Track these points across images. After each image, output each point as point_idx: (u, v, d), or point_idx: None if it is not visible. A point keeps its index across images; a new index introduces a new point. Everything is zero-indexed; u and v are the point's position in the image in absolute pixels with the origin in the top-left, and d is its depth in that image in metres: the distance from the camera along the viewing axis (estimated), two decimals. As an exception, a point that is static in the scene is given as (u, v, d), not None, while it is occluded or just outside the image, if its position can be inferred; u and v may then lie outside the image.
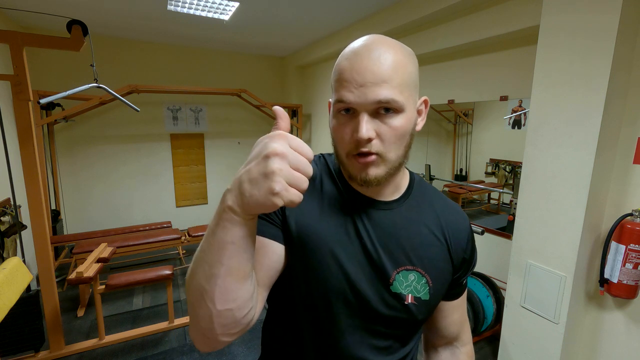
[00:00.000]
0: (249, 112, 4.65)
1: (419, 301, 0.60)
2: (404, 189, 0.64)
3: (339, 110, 0.54)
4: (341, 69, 0.53)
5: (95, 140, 3.88)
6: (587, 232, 1.44)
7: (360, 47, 0.52)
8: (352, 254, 0.58)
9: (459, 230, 0.65)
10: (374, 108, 0.51)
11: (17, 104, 1.88)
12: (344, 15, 2.83)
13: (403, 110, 0.52)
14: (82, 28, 1.93)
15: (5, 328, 1.90)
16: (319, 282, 0.57)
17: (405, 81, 0.52)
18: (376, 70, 0.50)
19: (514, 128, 2.32)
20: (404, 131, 0.54)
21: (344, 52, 0.54)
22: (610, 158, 1.44)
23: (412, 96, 0.54)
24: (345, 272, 0.57)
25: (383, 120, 0.52)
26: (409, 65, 0.53)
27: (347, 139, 0.54)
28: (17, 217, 2.42)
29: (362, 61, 0.51)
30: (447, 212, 0.65)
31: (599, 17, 1.30)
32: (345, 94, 0.51)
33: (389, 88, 0.50)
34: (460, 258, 0.64)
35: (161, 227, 3.63)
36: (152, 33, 3.56)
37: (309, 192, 0.60)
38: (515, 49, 2.14)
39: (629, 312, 1.49)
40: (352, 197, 0.61)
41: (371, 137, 0.51)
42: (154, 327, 2.43)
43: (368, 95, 0.50)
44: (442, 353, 0.76)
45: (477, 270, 2.41)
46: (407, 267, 0.59)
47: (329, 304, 0.58)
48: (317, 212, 0.59)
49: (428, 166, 3.10)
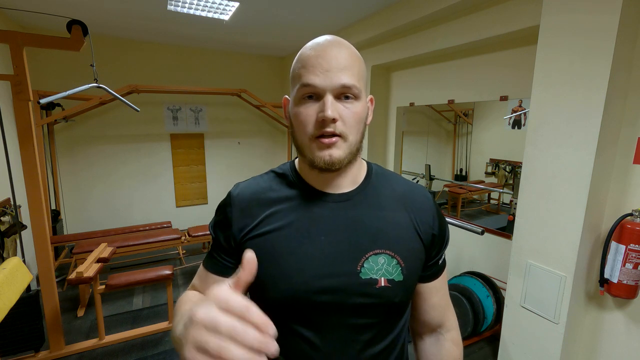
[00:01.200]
0: (249, 112, 4.65)
1: (392, 283, 0.60)
2: (361, 179, 0.67)
3: (303, 96, 0.58)
4: (306, 57, 0.58)
5: (95, 140, 3.88)
6: (587, 232, 1.44)
7: (323, 41, 0.59)
8: (315, 253, 0.59)
9: (422, 209, 0.66)
10: (338, 92, 0.56)
11: (17, 104, 1.88)
12: (344, 15, 2.83)
13: (360, 98, 0.58)
14: (82, 28, 1.93)
15: (5, 328, 1.90)
16: (286, 289, 0.58)
17: (361, 73, 0.59)
18: (340, 57, 0.56)
19: (514, 128, 2.32)
20: (360, 117, 0.59)
21: (307, 46, 0.60)
22: (610, 158, 1.44)
23: (364, 90, 0.60)
24: (310, 273, 0.58)
25: (344, 104, 0.57)
26: (361, 63, 0.61)
27: (311, 121, 0.57)
28: (17, 217, 2.42)
29: (326, 50, 0.57)
30: (409, 193, 0.68)
31: (599, 17, 1.30)
32: (312, 78, 0.56)
33: (351, 75, 0.56)
34: (429, 235, 0.66)
35: (161, 227, 3.63)
36: (152, 33, 3.56)
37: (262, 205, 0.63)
38: (515, 49, 2.14)
39: (629, 312, 1.49)
40: (310, 196, 0.63)
41: (336, 118, 0.55)
42: (154, 327, 2.43)
43: (333, 79, 0.55)
44: (427, 340, 0.75)
45: (477, 270, 2.41)
46: (375, 251, 0.60)
47: (301, 308, 0.59)
48: (274, 220, 0.61)
49: (428, 166, 3.11)
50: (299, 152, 0.63)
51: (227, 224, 0.63)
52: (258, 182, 0.67)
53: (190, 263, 3.58)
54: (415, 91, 2.95)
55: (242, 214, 0.63)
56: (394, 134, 3.24)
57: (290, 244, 0.59)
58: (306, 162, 0.61)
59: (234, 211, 0.64)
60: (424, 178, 3.12)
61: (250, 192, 0.65)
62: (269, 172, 0.70)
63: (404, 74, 3.07)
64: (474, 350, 2.23)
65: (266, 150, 4.96)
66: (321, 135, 0.56)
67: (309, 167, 0.62)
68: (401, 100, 3.12)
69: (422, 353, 0.76)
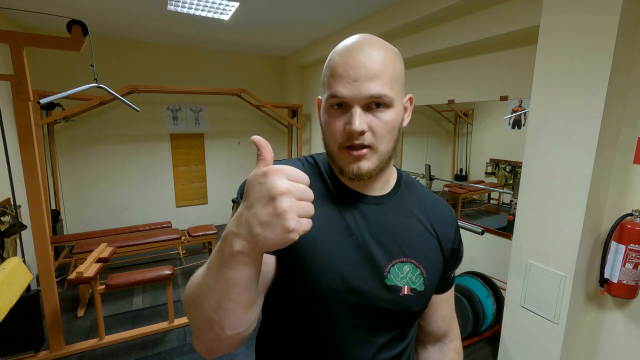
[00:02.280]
0: (249, 112, 4.65)
1: (414, 292, 0.60)
2: (393, 184, 0.66)
3: (331, 105, 0.56)
4: (334, 64, 0.55)
5: (95, 140, 3.88)
6: (587, 232, 1.44)
7: (352, 44, 0.55)
8: (344, 251, 0.58)
9: (446, 223, 0.67)
10: (366, 102, 0.53)
11: (17, 104, 1.88)
12: (344, 15, 2.83)
13: (392, 105, 0.55)
14: (82, 28, 1.93)
15: (5, 328, 1.90)
16: (313, 285, 0.57)
17: (394, 77, 0.55)
18: (369, 65, 0.52)
19: (514, 128, 2.32)
20: (393, 125, 0.56)
21: (337, 49, 0.56)
22: (610, 158, 1.44)
23: (400, 92, 0.57)
24: (339, 271, 0.57)
25: (374, 114, 0.54)
26: (397, 63, 0.56)
27: (339, 132, 0.55)
28: (17, 217, 2.42)
29: (355, 57, 0.53)
30: (434, 205, 0.68)
31: (599, 17, 1.30)
32: (339, 89, 0.53)
33: (381, 83, 0.52)
34: (449, 249, 0.66)
35: (161, 227, 3.63)
36: (152, 33, 3.56)
37: None
38: (515, 49, 2.14)
39: (629, 312, 1.49)
40: (342, 194, 0.62)
41: (364, 130, 0.53)
42: (154, 327, 2.43)
43: (361, 90, 0.52)
44: (431, 350, 0.76)
45: (477, 270, 2.41)
46: (402, 259, 0.60)
47: (326, 305, 0.58)
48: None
49: (428, 166, 3.10)
50: (329, 158, 0.62)
51: None
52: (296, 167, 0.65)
53: (190, 263, 3.58)
54: (415, 91, 2.94)
55: None
56: (394, 134, 3.23)
57: (322, 240, 0.58)
58: (336, 168, 0.60)
59: None
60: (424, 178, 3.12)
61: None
62: (302, 159, 0.68)
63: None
64: (474, 350, 2.23)
65: (266, 150, 4.95)
66: (350, 146, 0.55)
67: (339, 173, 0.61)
68: (401, 100, 3.11)
69: None
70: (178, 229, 3.78)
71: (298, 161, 0.67)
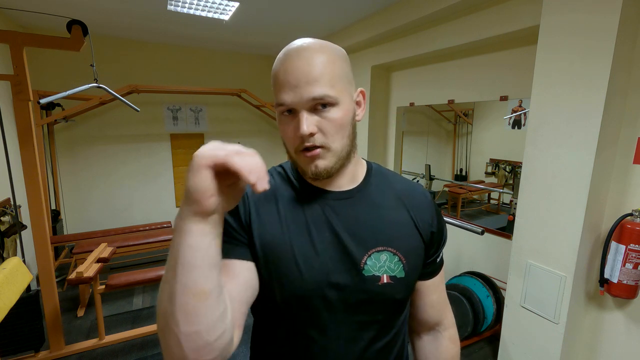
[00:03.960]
0: (249, 112, 4.65)
1: (394, 279, 0.61)
2: (362, 177, 0.67)
3: (281, 112, 0.58)
4: (276, 72, 0.57)
5: (95, 140, 3.88)
6: (587, 232, 1.44)
7: (291, 50, 0.57)
8: (319, 249, 0.59)
9: (422, 207, 0.67)
10: (311, 105, 0.55)
11: (17, 104, 1.88)
12: (344, 15, 2.83)
13: (338, 103, 0.56)
14: (82, 28, 1.93)
15: (5, 328, 1.90)
16: (291, 288, 0.58)
17: (336, 76, 0.56)
18: (307, 70, 0.54)
19: (514, 128, 2.32)
20: (342, 122, 0.57)
21: (278, 57, 0.58)
22: (610, 158, 1.44)
23: (346, 89, 0.58)
24: (316, 269, 0.58)
25: (321, 115, 0.56)
26: (337, 61, 0.57)
27: (292, 137, 0.57)
28: (17, 217, 2.41)
29: (293, 63, 0.55)
30: (408, 192, 0.68)
31: (599, 17, 1.30)
32: (283, 96, 0.55)
33: (321, 85, 0.54)
34: (428, 232, 0.67)
35: (161, 227, 3.63)
36: (152, 33, 3.56)
37: (267, 201, 0.62)
38: (515, 49, 2.14)
39: (629, 312, 1.49)
40: (311, 194, 0.63)
41: (312, 132, 0.55)
42: (154, 327, 2.43)
43: (303, 95, 0.54)
44: (425, 338, 0.76)
45: (477, 270, 2.41)
46: (378, 249, 0.61)
47: (307, 305, 0.59)
48: (277, 218, 0.61)
49: (428, 166, 3.10)
50: (291, 161, 0.64)
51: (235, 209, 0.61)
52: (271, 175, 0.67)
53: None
54: (415, 91, 2.95)
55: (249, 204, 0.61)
56: (394, 134, 3.24)
57: (296, 241, 0.59)
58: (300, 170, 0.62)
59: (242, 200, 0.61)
60: (424, 178, 3.12)
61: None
62: (272, 170, 0.69)
63: (404, 74, 3.07)
64: (474, 350, 2.23)
65: (266, 150, 4.96)
66: (305, 149, 0.57)
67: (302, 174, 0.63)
68: (401, 100, 3.12)
69: (421, 351, 0.76)
70: (178, 229, 3.78)
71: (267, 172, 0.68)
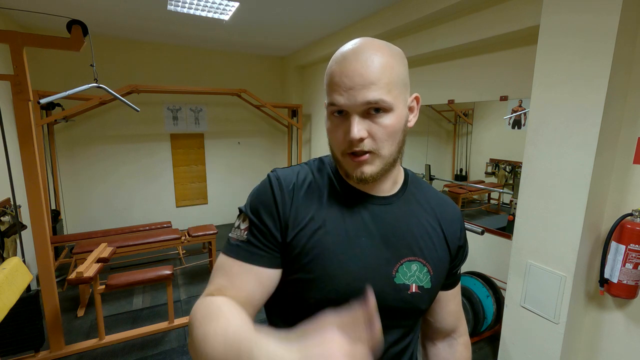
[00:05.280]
0: (249, 112, 4.66)
1: (422, 290, 0.62)
2: (401, 183, 0.67)
3: (332, 113, 0.56)
4: (331, 73, 0.55)
5: (95, 140, 3.88)
6: (587, 232, 1.44)
7: (348, 51, 0.54)
8: (355, 253, 0.59)
9: (452, 220, 0.68)
10: (364, 109, 0.53)
11: (17, 104, 1.88)
12: (344, 15, 2.83)
13: (392, 109, 0.54)
14: (82, 28, 1.93)
15: (5, 328, 1.90)
16: (326, 290, 0.58)
17: (393, 81, 0.54)
18: (364, 73, 0.52)
19: (514, 128, 2.32)
20: (394, 129, 0.55)
21: (334, 56, 0.56)
22: (610, 158, 1.44)
23: (401, 94, 0.56)
24: (350, 274, 0.58)
25: (374, 120, 0.54)
26: (396, 66, 0.55)
27: (340, 139, 0.56)
28: (17, 217, 2.41)
29: (350, 65, 0.53)
30: (440, 203, 0.69)
31: (599, 17, 1.30)
32: (336, 97, 0.54)
33: (377, 89, 0.52)
34: (456, 246, 0.68)
35: (161, 227, 3.63)
36: (152, 33, 3.56)
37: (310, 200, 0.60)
38: (515, 49, 2.14)
39: (629, 312, 1.49)
40: (351, 196, 0.62)
41: (362, 137, 0.54)
42: (154, 327, 2.43)
43: (357, 98, 0.52)
44: (440, 346, 0.77)
45: (477, 270, 2.41)
46: (410, 258, 0.61)
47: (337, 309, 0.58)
48: (317, 219, 0.59)
49: (428, 166, 3.10)
50: (335, 162, 0.63)
51: (273, 205, 0.59)
52: (299, 175, 0.63)
53: (190, 263, 3.58)
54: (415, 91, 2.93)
55: (288, 200, 0.59)
56: (394, 134, 3.23)
57: (334, 244, 0.58)
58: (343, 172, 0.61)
59: (280, 195, 0.59)
60: (424, 178, 3.12)
61: (293, 183, 0.61)
62: (308, 165, 0.67)
63: (404, 74, 3.06)
64: (474, 350, 2.23)
65: (266, 150, 4.96)
66: (352, 152, 0.56)
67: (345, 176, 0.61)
68: (401, 100, 3.12)
69: (435, 358, 0.77)
70: (178, 229, 3.78)
71: (306, 166, 0.66)
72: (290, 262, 0.59)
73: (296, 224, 0.58)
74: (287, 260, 0.59)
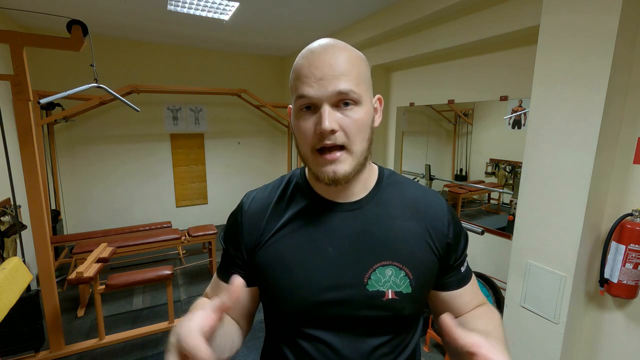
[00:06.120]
0: (249, 112, 4.66)
1: (400, 295, 0.58)
2: (372, 185, 0.64)
3: (300, 108, 0.55)
4: (299, 66, 0.55)
5: (95, 140, 3.88)
6: (587, 232, 1.44)
7: (316, 47, 0.55)
8: (322, 264, 0.58)
9: (436, 217, 0.63)
10: (335, 100, 0.53)
11: (17, 104, 1.88)
12: (343, 15, 2.83)
13: (361, 103, 0.54)
14: (82, 28, 1.93)
15: (5, 328, 1.90)
16: (297, 302, 0.58)
17: (360, 76, 0.55)
18: (334, 64, 0.52)
19: (514, 128, 2.32)
20: (364, 122, 0.55)
21: (301, 54, 0.57)
22: (610, 158, 1.44)
23: (367, 92, 0.57)
24: (316, 283, 0.57)
25: (344, 112, 0.53)
26: (362, 64, 0.57)
27: (310, 134, 0.54)
28: (17, 217, 2.41)
29: (319, 57, 0.53)
30: (421, 200, 0.64)
31: (599, 17, 1.30)
32: (305, 89, 0.53)
33: (347, 80, 0.52)
34: (443, 244, 0.62)
35: (161, 227, 3.63)
36: (152, 33, 3.56)
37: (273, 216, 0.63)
38: (515, 49, 2.14)
39: (629, 312, 1.49)
40: (318, 206, 0.62)
41: (335, 129, 0.52)
42: (154, 327, 2.43)
43: (328, 88, 0.52)
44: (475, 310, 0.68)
45: (477, 270, 2.41)
46: (383, 263, 0.58)
47: (307, 320, 0.58)
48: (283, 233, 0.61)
49: (428, 166, 3.10)
50: (304, 164, 0.61)
51: (238, 234, 0.64)
52: (269, 192, 0.66)
53: (190, 263, 3.58)
54: (415, 91, 2.95)
55: (253, 224, 0.63)
56: (394, 134, 3.24)
57: (298, 255, 0.59)
58: (312, 175, 0.59)
59: (245, 222, 0.63)
60: (424, 178, 3.12)
61: (261, 202, 0.65)
62: (280, 179, 0.69)
63: (404, 74, 3.07)
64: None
65: (266, 150, 4.96)
66: (322, 147, 0.54)
67: (315, 179, 0.60)
68: (401, 100, 3.12)
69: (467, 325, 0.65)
70: (178, 229, 3.78)
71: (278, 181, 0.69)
72: (260, 277, 0.62)
73: (261, 241, 0.61)
74: (257, 275, 0.62)
